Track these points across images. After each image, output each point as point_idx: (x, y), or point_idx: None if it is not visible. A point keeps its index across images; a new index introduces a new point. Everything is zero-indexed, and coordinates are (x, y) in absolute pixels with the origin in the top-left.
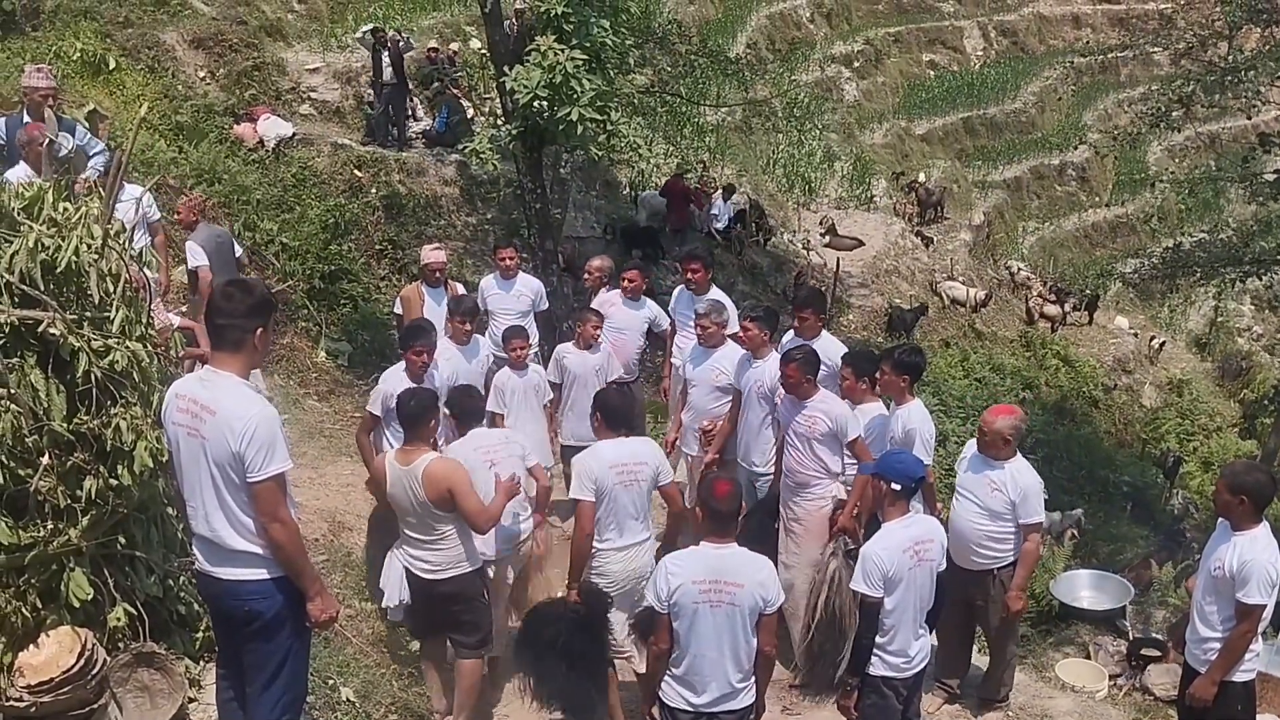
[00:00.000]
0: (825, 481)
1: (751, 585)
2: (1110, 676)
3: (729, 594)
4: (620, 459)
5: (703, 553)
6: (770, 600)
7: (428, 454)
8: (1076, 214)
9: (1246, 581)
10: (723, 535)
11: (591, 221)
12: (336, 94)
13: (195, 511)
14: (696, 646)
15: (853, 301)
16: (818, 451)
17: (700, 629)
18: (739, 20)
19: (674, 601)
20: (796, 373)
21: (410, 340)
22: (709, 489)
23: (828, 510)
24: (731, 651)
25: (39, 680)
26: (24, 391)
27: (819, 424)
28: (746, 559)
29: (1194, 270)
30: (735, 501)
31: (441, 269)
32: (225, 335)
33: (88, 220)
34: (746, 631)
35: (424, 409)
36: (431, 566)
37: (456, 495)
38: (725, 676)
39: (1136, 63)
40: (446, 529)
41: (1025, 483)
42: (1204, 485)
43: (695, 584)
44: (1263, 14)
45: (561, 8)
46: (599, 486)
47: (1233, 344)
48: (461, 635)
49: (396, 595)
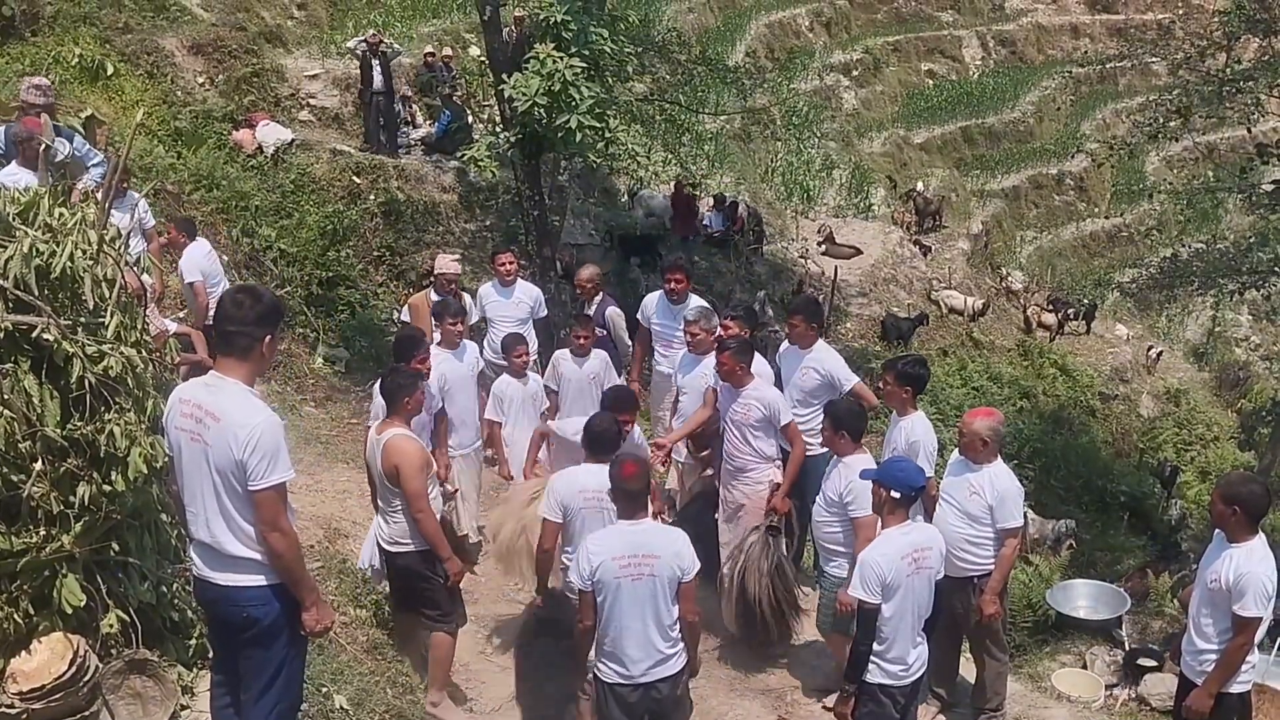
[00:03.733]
0: (761, 466)
1: (667, 556)
2: (1106, 687)
3: (647, 566)
4: (593, 486)
5: (619, 530)
6: (686, 569)
7: (395, 429)
8: (1074, 224)
9: (1243, 594)
10: (634, 512)
11: (590, 228)
12: (335, 100)
13: (195, 517)
14: (621, 619)
15: (850, 310)
16: (751, 437)
17: (623, 603)
18: (738, 29)
19: (596, 579)
20: (730, 360)
21: (412, 351)
22: (617, 470)
23: (764, 493)
24: (655, 621)
25: (31, 687)
26: (17, 397)
27: (754, 411)
28: (660, 531)
29: (1192, 280)
30: (643, 480)
31: (456, 280)
32: (234, 342)
33: (83, 226)
34: (667, 601)
35: (399, 386)
36: (388, 537)
37: (401, 473)
38: (651, 645)
39: (1135, 73)
40: (399, 504)
41: (1003, 487)
42: (1201, 495)
43: (615, 560)
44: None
45: (561, 15)
46: (565, 508)
47: (1230, 354)
48: (426, 608)
49: (368, 558)
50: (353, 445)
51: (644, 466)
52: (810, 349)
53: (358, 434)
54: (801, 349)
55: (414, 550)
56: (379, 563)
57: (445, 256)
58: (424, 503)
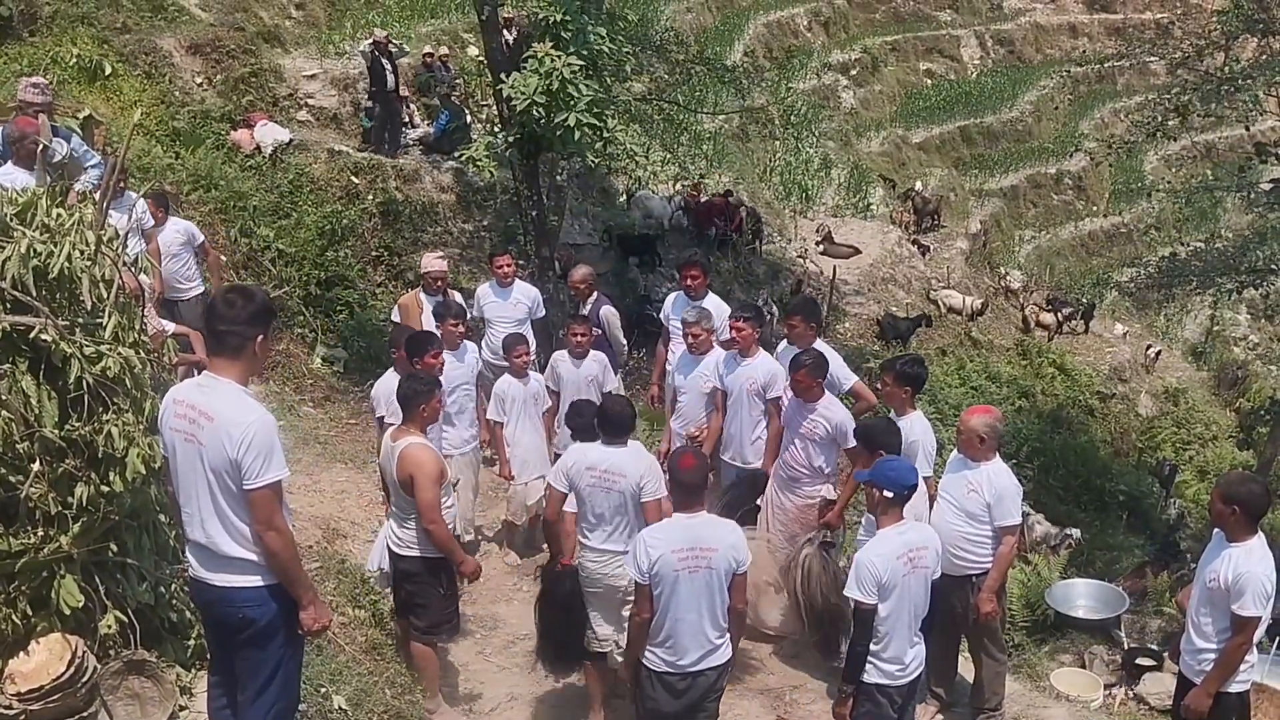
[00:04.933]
0: (815, 481)
1: (724, 548)
2: (1105, 686)
3: (705, 559)
4: (602, 465)
5: (677, 523)
6: (741, 561)
7: (411, 437)
8: (1073, 223)
9: (1242, 594)
10: (692, 505)
11: (588, 228)
12: (334, 100)
13: (190, 518)
14: (676, 611)
15: (849, 310)
16: (814, 452)
17: (681, 595)
18: (736, 28)
19: (655, 572)
20: (806, 378)
21: (425, 347)
22: (675, 463)
23: (814, 506)
24: (709, 612)
25: (29, 688)
26: (15, 398)
27: (820, 428)
28: (717, 524)
29: (1190, 279)
30: (701, 473)
31: (443, 278)
32: (225, 341)
33: (81, 226)
34: (722, 592)
35: (415, 393)
36: (398, 541)
37: (416, 483)
38: (704, 635)
39: (1133, 72)
40: (414, 511)
41: (1001, 484)
42: (1200, 494)
43: (674, 553)
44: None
45: (559, 15)
46: (570, 481)
47: (1229, 353)
48: (414, 617)
49: (376, 562)
50: (351, 445)
51: (703, 460)
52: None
53: (356, 434)
54: (800, 349)
55: (419, 556)
56: (388, 566)
57: (430, 255)
58: (437, 514)
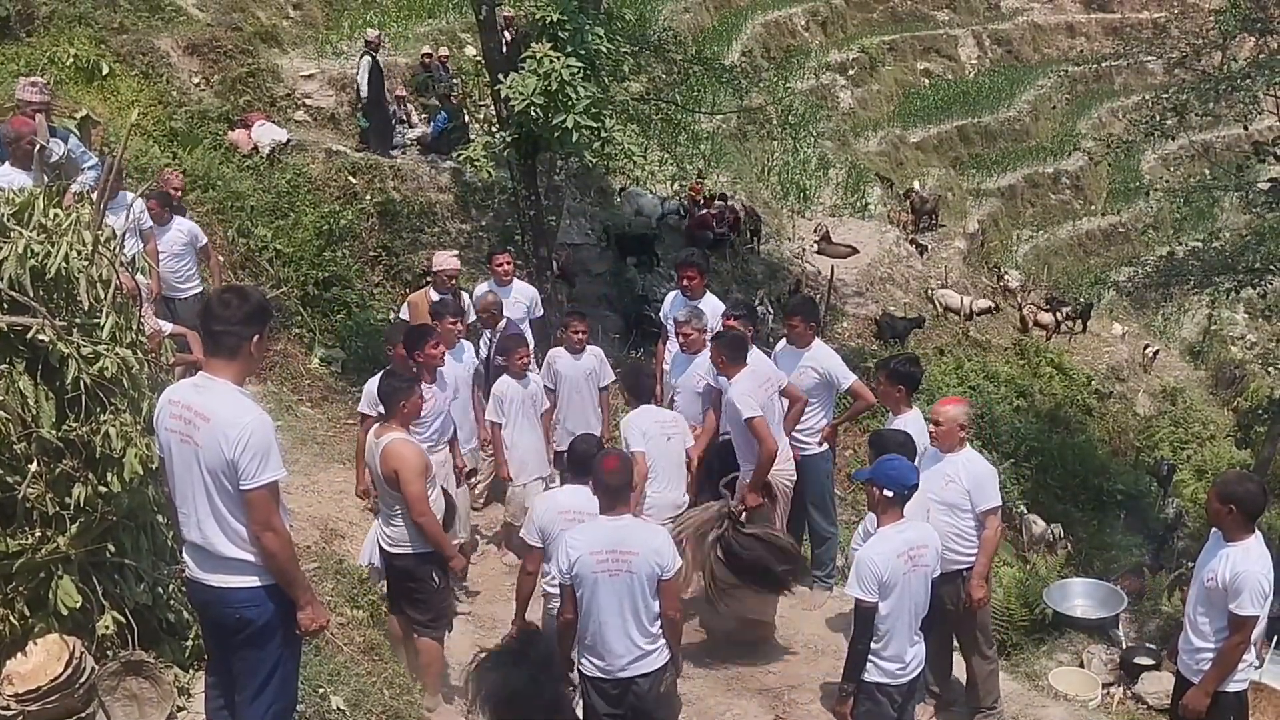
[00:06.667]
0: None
1: (646, 552)
2: (1103, 685)
3: (625, 562)
4: (573, 506)
5: (599, 525)
6: (666, 566)
7: (394, 434)
8: (1071, 222)
9: (1239, 593)
10: (615, 507)
11: (586, 228)
12: (331, 100)
13: (187, 518)
14: (599, 614)
15: (847, 309)
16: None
17: (600, 597)
18: (734, 28)
19: (574, 573)
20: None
21: (424, 339)
22: (599, 465)
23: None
24: (633, 616)
25: (27, 689)
26: (12, 398)
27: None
28: (640, 528)
29: (1188, 279)
30: (625, 475)
31: (455, 276)
32: (221, 342)
33: (78, 226)
34: (646, 597)
35: (395, 389)
36: (389, 540)
37: (401, 478)
38: (630, 640)
39: (1131, 72)
40: (399, 508)
41: (977, 469)
42: (1198, 494)
43: (593, 555)
44: (1256, 23)
45: (557, 15)
46: (544, 532)
47: (1226, 353)
48: (415, 612)
49: (368, 556)
50: (349, 446)
51: (625, 461)
52: (808, 348)
53: (354, 434)
54: (799, 349)
55: (412, 553)
56: (379, 561)
57: (443, 253)
58: (425, 505)
